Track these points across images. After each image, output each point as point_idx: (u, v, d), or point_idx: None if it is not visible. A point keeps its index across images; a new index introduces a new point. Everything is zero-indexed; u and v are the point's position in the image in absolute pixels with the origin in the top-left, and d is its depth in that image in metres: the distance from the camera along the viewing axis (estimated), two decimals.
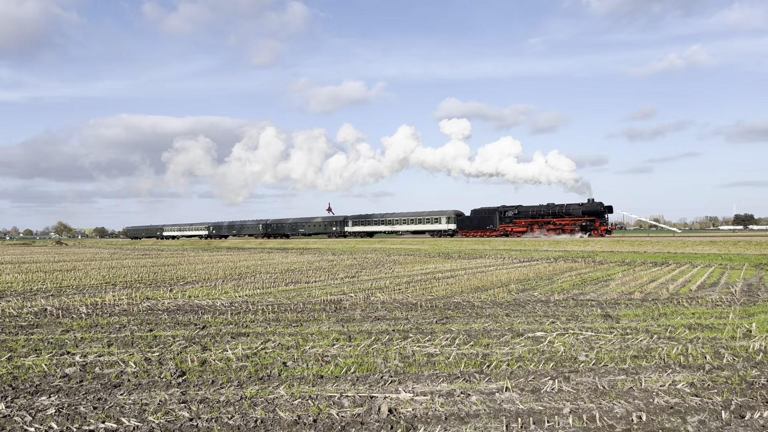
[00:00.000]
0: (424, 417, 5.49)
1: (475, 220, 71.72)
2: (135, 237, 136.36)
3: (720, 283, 17.31)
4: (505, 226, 68.52)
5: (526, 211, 67.62)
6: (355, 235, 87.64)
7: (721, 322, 10.27)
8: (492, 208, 70.35)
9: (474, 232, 71.37)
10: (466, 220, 73.10)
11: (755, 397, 5.98)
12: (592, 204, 63.13)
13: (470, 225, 72.10)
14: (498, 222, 69.03)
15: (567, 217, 63.75)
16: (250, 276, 21.46)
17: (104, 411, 5.73)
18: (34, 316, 11.83)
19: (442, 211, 77.25)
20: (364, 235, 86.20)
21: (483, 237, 67.24)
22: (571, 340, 8.80)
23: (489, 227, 69.55)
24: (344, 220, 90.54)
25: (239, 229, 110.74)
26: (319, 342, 8.89)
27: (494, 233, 68.62)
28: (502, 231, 68.57)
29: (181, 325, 10.61)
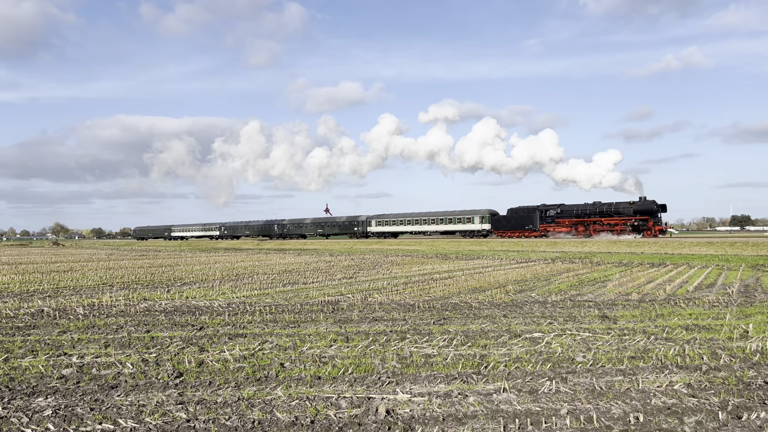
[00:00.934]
0: (421, 418, 5.49)
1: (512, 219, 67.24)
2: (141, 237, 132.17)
3: (717, 284, 17.35)
4: (546, 226, 63.89)
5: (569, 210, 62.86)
6: (379, 235, 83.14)
7: (718, 323, 10.28)
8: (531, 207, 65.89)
9: (511, 232, 67.04)
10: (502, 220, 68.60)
11: (752, 397, 5.99)
12: (645, 202, 57.91)
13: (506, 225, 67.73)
14: (538, 222, 64.39)
15: (616, 216, 59.05)
16: (247, 277, 21.43)
17: (101, 412, 5.71)
18: (31, 317, 11.80)
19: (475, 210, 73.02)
20: (389, 235, 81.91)
21: (521, 238, 63.04)
22: (569, 341, 8.81)
23: (528, 227, 65.12)
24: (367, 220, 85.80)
25: (253, 229, 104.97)
26: (317, 343, 8.88)
27: (533, 234, 64.20)
28: (542, 231, 63.97)
29: (178, 326, 10.59)
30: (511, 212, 68.11)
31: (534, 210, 65.30)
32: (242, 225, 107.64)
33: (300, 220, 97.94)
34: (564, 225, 62.61)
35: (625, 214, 58.76)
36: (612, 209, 59.64)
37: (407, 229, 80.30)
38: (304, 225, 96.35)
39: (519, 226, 66.27)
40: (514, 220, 67.15)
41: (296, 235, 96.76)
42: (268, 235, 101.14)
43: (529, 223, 65.31)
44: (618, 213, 59.27)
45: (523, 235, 65.20)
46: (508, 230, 67.42)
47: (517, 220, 66.67)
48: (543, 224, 64.20)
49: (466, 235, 72.61)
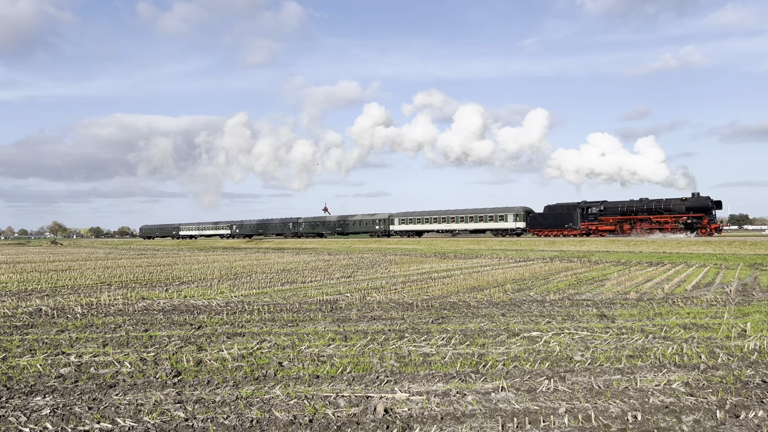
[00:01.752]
0: (420, 417, 5.49)
1: (550, 217, 63.85)
2: (148, 236, 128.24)
3: (715, 282, 17.37)
4: (588, 224, 60.51)
5: (613, 207, 59.36)
6: (402, 234, 79.54)
7: (716, 322, 10.30)
8: (571, 204, 62.63)
9: (549, 231, 63.44)
10: (539, 218, 65.15)
11: (750, 396, 6.00)
12: (698, 198, 54.45)
13: (544, 223, 64.29)
14: (579, 219, 61.00)
15: (667, 213, 55.70)
16: (245, 276, 21.42)
17: (99, 411, 5.71)
18: (29, 316, 11.79)
19: (509, 207, 69.54)
20: (413, 234, 78.51)
21: (560, 237, 59.72)
22: (567, 340, 8.82)
23: (568, 225, 61.58)
24: (389, 218, 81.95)
25: (267, 228, 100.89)
26: (315, 342, 8.88)
27: (574, 232, 60.79)
28: (584, 230, 60.55)
29: (176, 325, 10.59)
30: (549, 209, 64.80)
31: (574, 207, 61.97)
32: (255, 223, 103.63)
33: (317, 218, 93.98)
34: (608, 223, 59.38)
35: (677, 211, 55.45)
36: (662, 206, 56.28)
37: (433, 227, 77.01)
38: (322, 223, 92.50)
39: (558, 225, 62.89)
40: (552, 217, 63.85)
41: (313, 234, 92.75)
42: (282, 233, 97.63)
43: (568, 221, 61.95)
44: (669, 210, 55.93)
45: (562, 233, 61.77)
46: (546, 228, 64.06)
47: (556, 217, 63.37)
48: (584, 222, 61.00)
49: (498, 234, 69.38)
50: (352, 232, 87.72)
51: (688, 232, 54.06)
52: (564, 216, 62.63)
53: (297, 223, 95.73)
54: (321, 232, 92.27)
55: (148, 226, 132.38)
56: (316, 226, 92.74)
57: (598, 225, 59.87)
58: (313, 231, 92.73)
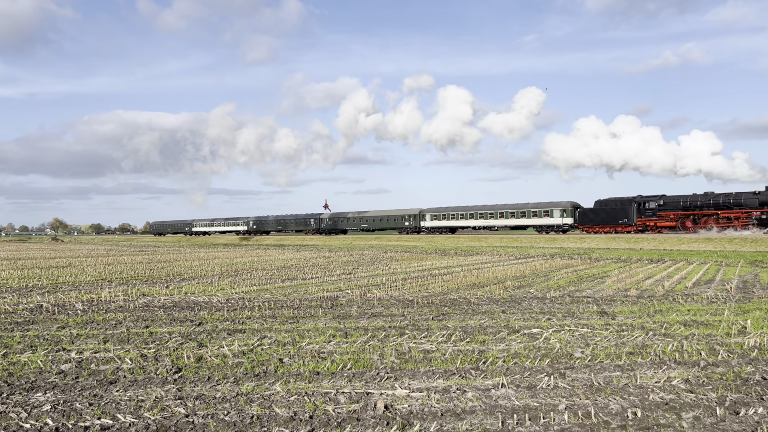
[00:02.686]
0: (420, 413, 5.50)
1: (601, 213, 59.78)
2: (159, 233, 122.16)
3: (715, 280, 17.37)
4: (645, 220, 56.37)
5: (674, 201, 55.24)
6: (434, 231, 74.67)
7: (717, 319, 10.30)
8: (626, 199, 58.60)
9: (600, 227, 59.51)
10: (589, 213, 60.80)
11: (750, 393, 6.01)
12: None
13: (595, 219, 60.20)
14: (635, 215, 56.99)
15: (737, 208, 51.22)
16: (246, 272, 21.44)
17: (100, 407, 5.72)
18: (30, 313, 11.81)
19: (555, 202, 65.04)
20: (445, 231, 73.88)
21: (613, 233, 56.17)
22: (567, 337, 8.83)
23: (622, 221, 57.65)
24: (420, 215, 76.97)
25: (286, 224, 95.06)
26: (316, 338, 8.89)
27: (629, 228, 56.98)
28: (640, 226, 56.56)
29: (177, 322, 10.60)
30: (600, 204, 60.66)
31: (629, 202, 57.88)
32: (273, 219, 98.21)
33: (340, 214, 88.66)
34: (668, 219, 55.27)
35: (749, 205, 50.89)
36: (731, 200, 51.89)
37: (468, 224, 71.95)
38: (346, 219, 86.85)
39: (611, 221, 58.94)
40: (604, 213, 59.77)
41: (336, 230, 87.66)
42: (303, 230, 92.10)
43: (623, 217, 57.98)
44: (739, 205, 51.45)
45: (615, 230, 58.01)
46: (597, 225, 60.10)
47: (608, 213, 59.28)
48: (641, 218, 56.92)
49: (542, 230, 64.88)
50: (379, 228, 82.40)
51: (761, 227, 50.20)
52: (618, 211, 58.52)
53: (319, 219, 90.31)
54: (344, 229, 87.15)
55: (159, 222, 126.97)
56: (340, 222, 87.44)
57: (657, 221, 55.88)
58: (337, 227, 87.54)
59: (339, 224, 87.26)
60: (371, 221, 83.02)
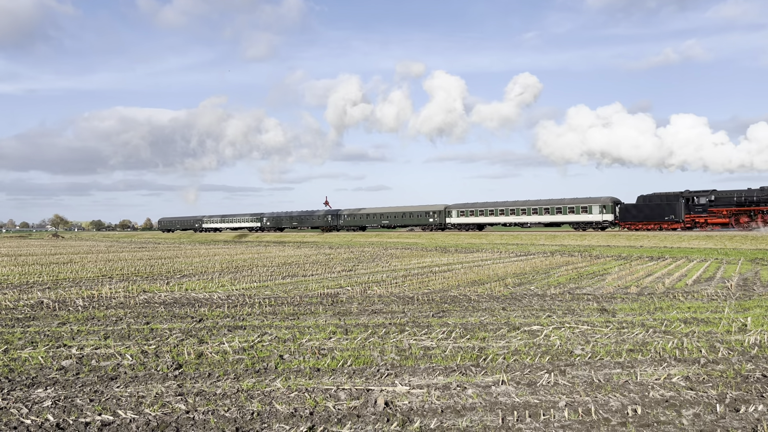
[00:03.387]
0: (420, 410, 5.50)
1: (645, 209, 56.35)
2: (168, 230, 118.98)
3: (716, 277, 17.37)
4: (694, 216, 53.03)
5: (727, 197, 51.96)
6: (461, 227, 70.82)
7: (717, 317, 10.30)
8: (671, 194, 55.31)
9: (644, 224, 56.17)
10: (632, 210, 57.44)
11: (750, 390, 6.01)
12: None
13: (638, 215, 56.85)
14: (682, 211, 53.50)
15: None
16: (246, 269, 21.45)
17: (101, 403, 5.73)
18: (31, 309, 11.82)
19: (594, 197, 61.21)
20: (473, 227, 69.82)
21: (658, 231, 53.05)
22: (567, 334, 8.83)
23: (668, 218, 54.15)
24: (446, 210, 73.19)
25: (302, 220, 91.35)
26: (316, 335, 8.90)
27: (676, 225, 53.70)
28: (688, 223, 53.32)
29: (177, 318, 10.61)
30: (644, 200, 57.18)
31: (676, 197, 54.48)
32: (288, 215, 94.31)
33: (360, 210, 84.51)
34: (720, 215, 51.95)
35: None
36: None
37: (498, 220, 67.89)
38: (366, 216, 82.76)
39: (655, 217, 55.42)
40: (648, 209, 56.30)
41: (355, 227, 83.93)
42: (320, 226, 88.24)
43: (669, 213, 54.51)
44: None
45: (661, 227, 54.64)
46: (640, 221, 56.71)
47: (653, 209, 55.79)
48: (690, 214, 53.48)
49: (579, 227, 61.37)
50: (401, 225, 78.20)
51: None
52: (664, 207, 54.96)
53: (337, 215, 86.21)
54: (364, 226, 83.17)
55: (168, 218, 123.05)
56: (359, 219, 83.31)
57: (708, 217, 52.43)
58: (355, 224, 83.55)
59: (358, 221, 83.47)
60: (393, 218, 79.04)
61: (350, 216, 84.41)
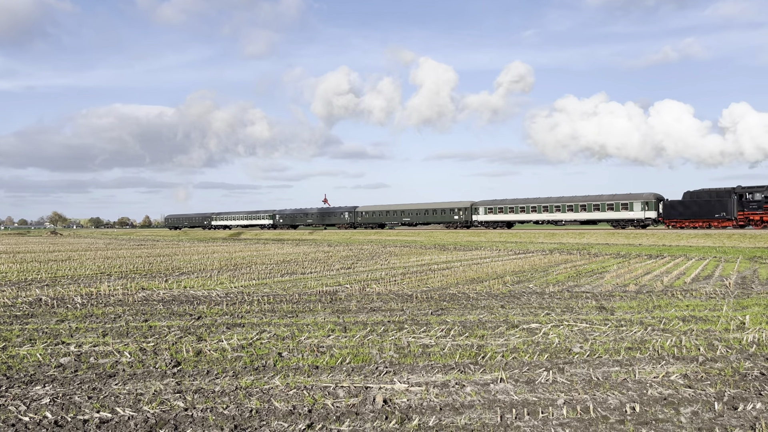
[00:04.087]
0: (418, 407, 5.50)
1: (692, 206, 53.17)
2: (175, 227, 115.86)
3: (714, 275, 17.39)
4: (749, 213, 49.80)
5: None
6: (487, 225, 67.86)
7: (715, 315, 10.31)
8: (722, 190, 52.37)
9: (691, 221, 53.07)
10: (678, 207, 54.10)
11: (748, 388, 6.02)
12: None
13: (685, 213, 53.63)
14: (735, 208, 50.50)
15: None
16: (245, 267, 21.44)
17: (99, 401, 5.72)
18: (29, 306, 11.80)
19: (635, 194, 57.78)
20: (501, 225, 66.95)
21: (706, 229, 50.12)
22: (566, 332, 8.84)
23: (719, 215, 51.17)
24: (472, 207, 69.42)
25: (316, 217, 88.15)
26: (315, 333, 8.90)
27: (726, 223, 50.72)
28: (742, 220, 50.13)
29: (176, 316, 10.60)
30: (691, 196, 54.09)
31: (728, 193, 51.67)
32: (301, 213, 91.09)
33: (378, 207, 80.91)
34: None
35: None
36: None
37: (530, 217, 64.62)
38: (386, 213, 79.10)
39: (704, 214, 52.41)
40: (696, 206, 53.17)
41: (373, 224, 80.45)
42: (335, 224, 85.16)
43: (720, 210, 51.50)
44: None
45: (710, 224, 51.68)
46: (687, 219, 53.61)
47: (701, 206, 52.68)
48: (743, 211, 50.46)
49: (619, 225, 58.23)
50: (423, 222, 75.15)
51: None
52: (713, 204, 51.93)
53: (354, 212, 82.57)
54: (383, 223, 79.88)
55: (175, 215, 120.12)
56: (378, 216, 79.61)
57: (763, 214, 49.47)
58: (374, 221, 79.92)
59: (376, 218, 79.93)
60: (414, 215, 75.42)
61: (368, 213, 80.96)
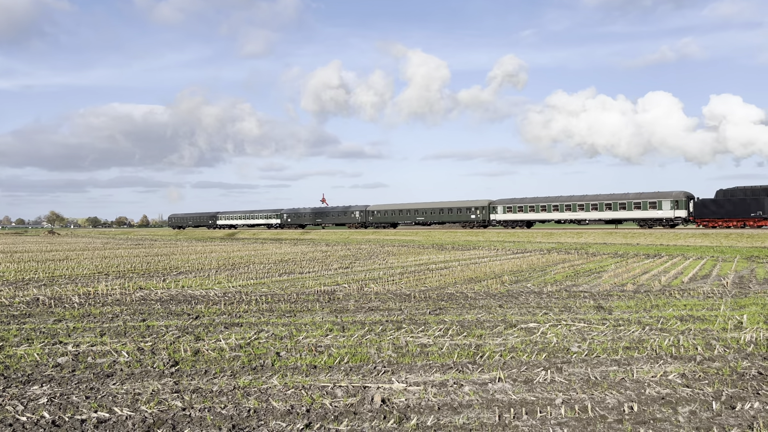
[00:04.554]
0: (417, 407, 5.50)
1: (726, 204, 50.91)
2: (179, 227, 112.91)
3: (712, 275, 17.42)
4: None
5: None
6: (506, 224, 65.57)
7: (713, 314, 10.33)
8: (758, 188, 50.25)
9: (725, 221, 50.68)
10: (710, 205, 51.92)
11: (746, 387, 6.03)
12: None
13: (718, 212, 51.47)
14: None
15: None
16: (243, 266, 21.42)
17: (97, 400, 5.71)
18: (27, 306, 11.78)
19: (664, 192, 55.32)
20: (521, 225, 64.58)
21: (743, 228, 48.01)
22: (564, 332, 8.84)
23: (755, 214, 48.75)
24: (489, 206, 66.75)
25: (325, 216, 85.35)
26: (313, 332, 8.89)
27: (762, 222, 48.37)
28: None
29: (174, 315, 10.59)
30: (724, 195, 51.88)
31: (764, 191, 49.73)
32: (310, 211, 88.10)
33: (392, 206, 78.13)
34: None
35: None
36: None
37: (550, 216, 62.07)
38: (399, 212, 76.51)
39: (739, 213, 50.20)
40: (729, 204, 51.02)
41: (386, 223, 77.86)
42: (345, 223, 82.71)
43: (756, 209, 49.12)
44: None
45: (745, 224, 49.46)
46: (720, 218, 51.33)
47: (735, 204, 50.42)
48: None
49: (646, 224, 55.76)
50: (438, 222, 72.70)
51: None
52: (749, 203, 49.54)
53: (366, 211, 79.59)
54: (395, 222, 77.28)
55: (179, 215, 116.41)
56: (391, 215, 76.94)
57: None
58: (386, 220, 77.32)
59: (389, 217, 77.24)
60: (429, 214, 72.84)
61: (381, 212, 78.33)
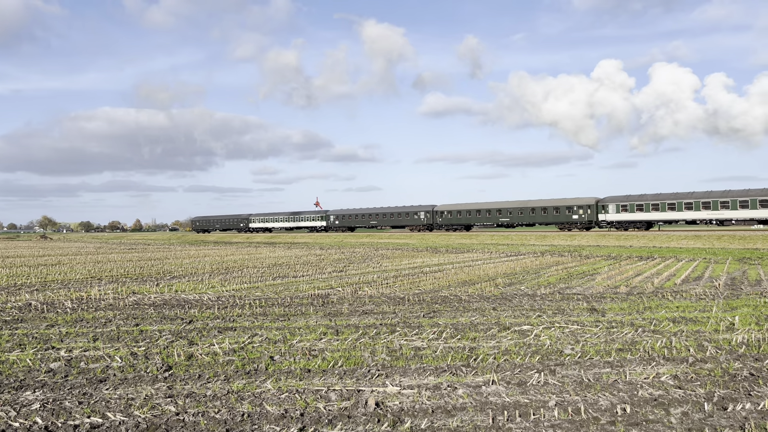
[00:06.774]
0: (411, 410, 5.51)
1: None
2: (204, 230, 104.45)
3: (704, 277, 17.51)
4: None
5: None
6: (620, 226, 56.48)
7: (705, 316, 10.39)
8: None
9: None
10: None
11: (738, 389, 6.06)
12: None
13: None
14: None
15: None
16: (237, 270, 21.37)
17: (90, 406, 5.69)
18: (19, 311, 11.71)
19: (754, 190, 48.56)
20: (640, 226, 55.73)
21: None
22: (557, 334, 8.87)
23: None
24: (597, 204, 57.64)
25: (382, 218, 76.44)
26: (307, 336, 8.88)
27: None
28: None
29: (167, 320, 10.55)
30: None
31: None
32: (363, 213, 79.72)
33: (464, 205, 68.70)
34: None
35: None
36: None
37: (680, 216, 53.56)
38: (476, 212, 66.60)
39: None
40: None
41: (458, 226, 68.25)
42: (405, 225, 74.01)
43: None
44: None
45: None
46: None
47: None
48: None
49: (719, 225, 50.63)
50: (527, 224, 63.47)
51: None
52: None
53: (434, 212, 70.61)
54: (468, 224, 67.71)
55: (204, 217, 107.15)
56: (464, 216, 67.51)
57: None
58: (459, 222, 67.86)
59: (463, 218, 67.69)
60: (517, 214, 63.16)
61: (452, 213, 68.98)
